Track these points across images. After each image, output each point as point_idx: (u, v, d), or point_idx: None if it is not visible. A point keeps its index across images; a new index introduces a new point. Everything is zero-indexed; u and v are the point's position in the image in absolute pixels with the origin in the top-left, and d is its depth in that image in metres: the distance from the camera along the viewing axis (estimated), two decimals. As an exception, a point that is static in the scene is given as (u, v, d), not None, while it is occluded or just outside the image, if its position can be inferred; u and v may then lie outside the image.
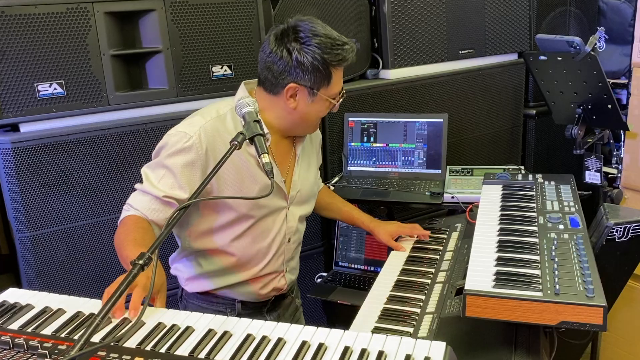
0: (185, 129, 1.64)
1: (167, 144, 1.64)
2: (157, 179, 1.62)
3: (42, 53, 2.06)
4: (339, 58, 1.65)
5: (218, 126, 1.67)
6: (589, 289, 1.28)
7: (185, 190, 1.62)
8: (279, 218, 1.80)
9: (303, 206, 1.89)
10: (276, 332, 1.21)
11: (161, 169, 1.63)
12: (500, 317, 1.30)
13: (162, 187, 1.61)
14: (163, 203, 1.60)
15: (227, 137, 1.66)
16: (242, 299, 1.85)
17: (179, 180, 1.61)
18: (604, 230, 1.65)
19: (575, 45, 2.26)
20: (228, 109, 1.71)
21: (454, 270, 1.80)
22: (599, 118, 2.40)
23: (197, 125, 1.65)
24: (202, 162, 1.63)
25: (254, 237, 1.77)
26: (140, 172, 1.66)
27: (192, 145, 1.61)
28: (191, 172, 1.62)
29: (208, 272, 1.80)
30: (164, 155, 1.63)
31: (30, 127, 2.11)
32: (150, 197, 1.61)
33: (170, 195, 1.60)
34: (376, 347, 1.13)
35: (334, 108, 1.76)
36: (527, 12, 3.13)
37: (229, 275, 1.80)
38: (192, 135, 1.62)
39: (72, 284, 2.21)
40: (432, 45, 2.89)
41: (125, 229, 1.56)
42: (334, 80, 1.69)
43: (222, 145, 1.65)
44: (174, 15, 2.25)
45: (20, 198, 2.08)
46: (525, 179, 2.02)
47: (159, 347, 1.16)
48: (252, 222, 1.74)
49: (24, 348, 1.14)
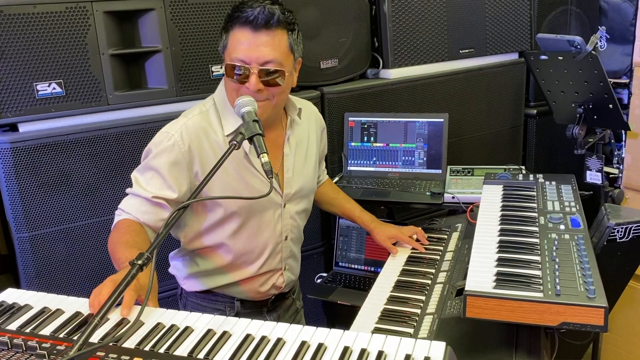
0: (167, 129, 1.65)
1: (152, 145, 1.65)
2: (146, 181, 1.62)
3: (41, 52, 2.06)
4: (237, 14, 1.57)
5: (201, 123, 1.66)
6: (590, 289, 1.27)
7: (174, 190, 1.62)
8: (273, 216, 1.78)
9: (301, 202, 1.86)
10: (275, 332, 1.20)
11: (149, 171, 1.63)
12: (501, 317, 1.30)
13: (151, 188, 1.61)
14: (153, 204, 1.60)
15: (212, 132, 1.67)
16: (241, 297, 1.84)
17: (167, 181, 1.61)
18: (605, 230, 1.64)
19: (576, 44, 2.26)
20: (211, 104, 1.71)
21: (455, 271, 1.79)
22: (600, 118, 2.40)
23: (179, 123, 1.65)
24: (186, 160, 1.62)
25: (249, 236, 1.76)
26: (131, 176, 1.66)
27: (174, 143, 1.61)
28: (177, 170, 1.62)
29: (205, 271, 1.80)
30: (150, 157, 1.64)
31: (29, 127, 2.11)
32: (140, 200, 1.61)
33: (160, 196, 1.60)
34: (376, 347, 1.12)
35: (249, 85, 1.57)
36: (528, 12, 3.12)
37: (225, 274, 1.80)
38: (173, 134, 1.62)
39: (71, 284, 2.21)
40: (433, 44, 2.88)
41: (117, 232, 1.56)
42: (231, 43, 1.59)
43: (207, 141, 1.65)
44: (173, 14, 2.25)
45: (19, 198, 2.08)
46: (526, 179, 2.01)
47: (157, 347, 1.16)
48: (243, 220, 1.73)
49: (22, 348, 1.14)
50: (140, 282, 1.33)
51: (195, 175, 1.66)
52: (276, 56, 1.58)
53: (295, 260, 1.94)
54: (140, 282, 1.33)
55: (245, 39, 1.56)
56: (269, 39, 1.57)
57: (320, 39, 2.65)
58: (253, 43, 1.56)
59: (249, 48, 1.56)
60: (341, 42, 2.71)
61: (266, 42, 1.56)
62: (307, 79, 2.64)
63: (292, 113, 1.80)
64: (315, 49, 2.64)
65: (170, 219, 1.30)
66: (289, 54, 1.63)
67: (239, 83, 1.59)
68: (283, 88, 1.63)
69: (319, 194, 2.12)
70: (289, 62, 1.64)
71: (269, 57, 1.57)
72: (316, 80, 2.67)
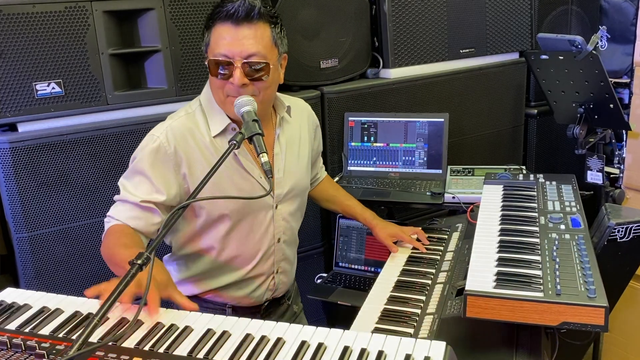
0: (152, 132, 1.63)
1: (138, 149, 1.63)
2: (134, 186, 1.60)
3: (40, 52, 2.06)
4: (217, 10, 1.55)
5: (187, 124, 1.65)
6: (590, 289, 1.27)
7: (162, 192, 1.59)
8: (265, 218, 1.75)
9: (294, 203, 1.83)
10: (275, 331, 1.20)
11: (136, 176, 1.61)
12: (501, 317, 1.29)
13: (139, 193, 1.59)
14: (143, 209, 1.58)
15: (198, 133, 1.64)
16: (232, 303, 1.81)
17: (155, 184, 1.59)
18: (605, 230, 1.64)
19: (577, 44, 2.25)
20: (197, 106, 1.69)
21: (455, 271, 1.79)
22: (600, 117, 2.39)
23: (164, 125, 1.64)
24: (172, 162, 1.61)
25: (239, 239, 1.73)
26: (118, 184, 1.65)
27: (159, 145, 1.60)
28: (163, 172, 1.60)
29: (194, 275, 1.78)
30: (136, 161, 1.62)
31: (28, 127, 2.10)
32: (129, 205, 1.59)
33: (149, 200, 1.58)
34: (376, 346, 1.12)
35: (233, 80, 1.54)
36: (529, 11, 3.12)
37: (214, 278, 1.77)
38: (158, 135, 1.61)
39: (70, 284, 2.20)
40: (433, 44, 2.88)
41: (111, 238, 1.54)
42: (213, 39, 1.57)
43: (194, 142, 1.63)
44: (173, 14, 2.24)
45: (18, 198, 2.07)
46: (527, 179, 2.01)
47: (157, 347, 1.16)
48: (233, 223, 1.70)
49: (21, 348, 1.13)
50: (158, 280, 1.32)
51: (183, 177, 1.63)
52: (259, 49, 1.55)
53: (289, 263, 1.89)
54: (158, 280, 1.33)
55: (227, 34, 1.54)
56: (251, 32, 1.54)
57: (320, 38, 2.64)
58: (235, 37, 1.54)
59: (231, 42, 1.54)
60: (341, 42, 2.71)
61: (248, 35, 1.54)
62: (307, 78, 2.64)
63: (281, 111, 1.77)
64: (315, 48, 2.63)
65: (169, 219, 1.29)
66: (273, 47, 1.60)
67: (223, 79, 1.57)
68: (269, 83, 1.60)
69: (318, 191, 2.11)
70: (274, 56, 1.60)
71: (252, 50, 1.54)
72: (316, 80, 2.67)
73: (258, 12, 1.54)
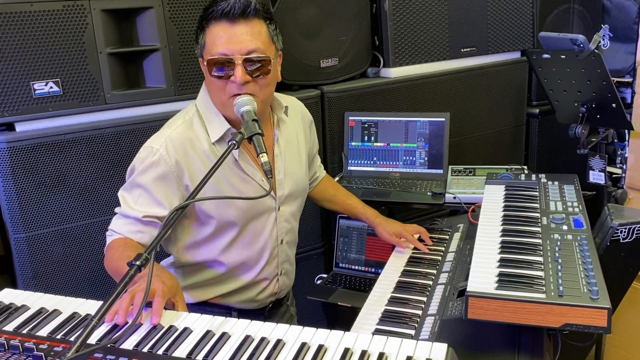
0: (151, 143, 1.59)
1: (136, 162, 1.60)
2: (134, 200, 1.58)
3: (38, 51, 2.04)
4: (211, 9, 1.52)
5: (186, 133, 1.61)
6: (593, 290, 1.26)
7: (164, 206, 1.57)
8: (268, 221, 1.74)
9: (295, 203, 1.82)
10: (275, 333, 1.19)
11: (136, 189, 1.59)
12: (503, 319, 1.29)
13: (140, 207, 1.57)
14: (145, 224, 1.57)
15: (197, 142, 1.61)
16: (239, 307, 1.80)
17: (156, 198, 1.57)
18: (608, 231, 1.63)
19: (579, 43, 2.24)
20: (194, 112, 1.66)
21: (456, 272, 1.78)
22: (603, 117, 2.38)
23: (163, 136, 1.60)
24: (174, 174, 1.58)
25: (244, 245, 1.72)
26: (118, 195, 1.62)
27: (159, 158, 1.56)
28: (165, 185, 1.58)
29: (198, 283, 1.76)
30: (136, 174, 1.59)
31: (26, 127, 2.09)
32: (131, 220, 1.57)
33: (150, 214, 1.56)
34: (377, 348, 1.12)
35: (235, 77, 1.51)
36: (530, 10, 3.11)
37: (220, 285, 1.76)
38: (158, 148, 1.57)
39: (68, 284, 2.19)
40: (434, 43, 2.87)
41: (115, 250, 1.52)
42: (209, 40, 1.54)
43: (194, 152, 1.60)
44: (171, 12, 2.23)
45: (15, 198, 2.06)
46: (528, 179, 2.00)
47: (156, 349, 1.15)
48: (238, 229, 1.68)
49: (19, 350, 1.13)
50: (167, 285, 1.32)
51: (185, 189, 1.61)
52: (259, 45, 1.53)
53: (290, 264, 1.89)
54: (168, 285, 1.32)
55: (224, 32, 1.52)
56: (248, 28, 1.52)
57: (320, 37, 2.63)
58: (232, 34, 1.51)
59: (229, 40, 1.51)
60: (341, 41, 2.70)
61: (246, 32, 1.52)
62: (307, 78, 2.63)
63: (279, 112, 1.75)
64: (315, 47, 2.62)
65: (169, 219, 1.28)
66: (271, 44, 1.58)
67: (223, 80, 1.54)
68: (269, 80, 1.58)
69: (318, 191, 2.09)
70: (272, 52, 1.58)
71: (252, 46, 1.52)
72: (316, 80, 2.66)
73: (254, 9, 1.52)
